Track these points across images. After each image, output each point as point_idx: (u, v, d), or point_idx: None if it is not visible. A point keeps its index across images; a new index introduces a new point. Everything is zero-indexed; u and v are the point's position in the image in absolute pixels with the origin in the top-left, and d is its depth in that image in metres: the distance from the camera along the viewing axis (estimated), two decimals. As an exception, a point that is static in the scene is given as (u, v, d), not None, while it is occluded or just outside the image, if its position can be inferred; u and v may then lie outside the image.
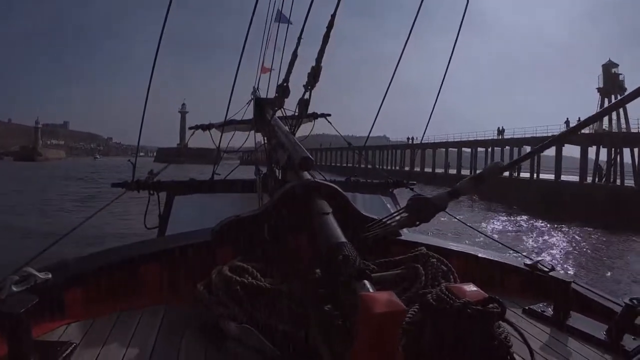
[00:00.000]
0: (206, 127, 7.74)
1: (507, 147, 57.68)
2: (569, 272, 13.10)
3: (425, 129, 5.94)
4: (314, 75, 2.97)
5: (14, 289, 1.79)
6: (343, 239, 1.81)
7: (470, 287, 1.59)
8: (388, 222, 2.21)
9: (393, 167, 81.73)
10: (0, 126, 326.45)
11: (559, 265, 13.57)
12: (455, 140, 71.62)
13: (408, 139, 79.65)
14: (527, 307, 2.40)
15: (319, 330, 1.60)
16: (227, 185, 5.33)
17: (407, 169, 73.76)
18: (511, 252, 4.68)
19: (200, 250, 2.41)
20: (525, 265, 2.75)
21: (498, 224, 28.19)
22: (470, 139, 67.99)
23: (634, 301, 2.05)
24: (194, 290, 2.01)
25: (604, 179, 39.95)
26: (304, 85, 3.10)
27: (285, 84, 3.65)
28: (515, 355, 1.56)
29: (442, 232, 13.66)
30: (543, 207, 32.68)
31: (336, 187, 2.41)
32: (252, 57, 6.92)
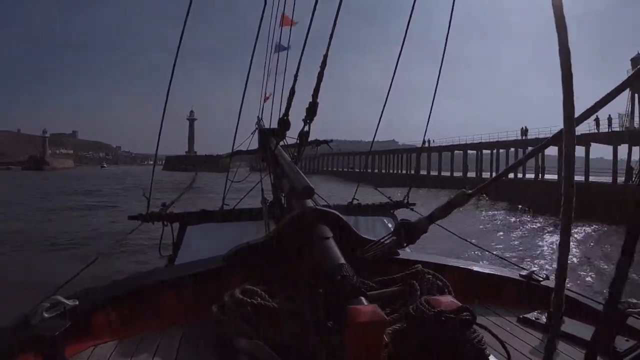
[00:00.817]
0: (214, 159, 8.59)
1: (529, 147, 55.85)
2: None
3: (425, 132, 6.12)
4: (311, 111, 3.13)
5: (45, 315, 1.97)
6: (342, 261, 2.00)
7: (447, 298, 1.79)
8: (383, 242, 2.40)
9: (403, 171, 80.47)
10: (9, 136, 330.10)
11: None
12: (475, 142, 69.54)
13: (424, 141, 77.45)
14: (521, 316, 2.46)
15: (322, 345, 1.72)
16: (236, 214, 5.69)
17: (422, 172, 72.30)
18: (510, 263, 4.85)
19: (214, 276, 2.53)
20: (521, 276, 2.85)
21: (530, 229, 27.63)
22: (491, 140, 66.06)
23: (624, 304, 2.05)
24: (209, 311, 2.14)
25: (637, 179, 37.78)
26: (303, 120, 3.27)
27: (285, 117, 3.86)
28: (492, 357, 1.74)
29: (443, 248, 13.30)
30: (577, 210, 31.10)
31: (336, 212, 2.50)
32: (256, 84, 7.51)
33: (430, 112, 5.34)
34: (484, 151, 65.86)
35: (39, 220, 27.39)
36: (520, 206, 38.14)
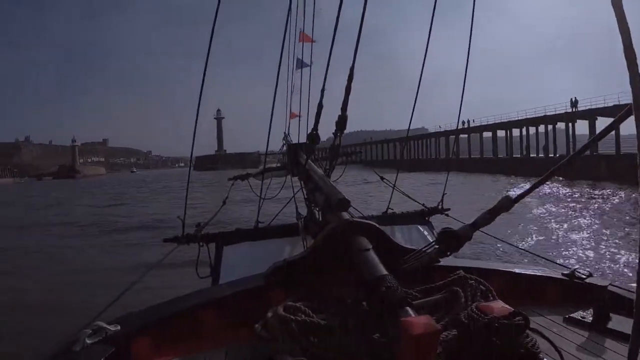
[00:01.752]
0: (244, 177, 8.08)
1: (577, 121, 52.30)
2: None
3: (459, 115, 5.96)
4: (340, 124, 3.07)
5: (88, 341, 2.02)
6: (384, 272, 1.94)
7: (498, 304, 1.76)
8: (424, 252, 2.34)
9: (442, 156, 77.56)
10: (41, 148, 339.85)
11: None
12: (520, 118, 65.70)
13: (463, 122, 74.51)
14: (567, 316, 2.45)
15: (370, 358, 1.73)
16: (271, 231, 5.70)
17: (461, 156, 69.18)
18: (552, 263, 4.88)
19: (255, 295, 2.54)
20: (563, 274, 2.82)
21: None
22: (537, 115, 61.96)
23: None
24: (252, 331, 2.10)
25: None
26: (333, 133, 3.25)
27: (315, 132, 3.72)
28: None
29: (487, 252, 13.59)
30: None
31: (374, 223, 2.46)
32: (281, 98, 7.43)
33: (463, 93, 5.23)
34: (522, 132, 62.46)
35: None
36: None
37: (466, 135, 75.03)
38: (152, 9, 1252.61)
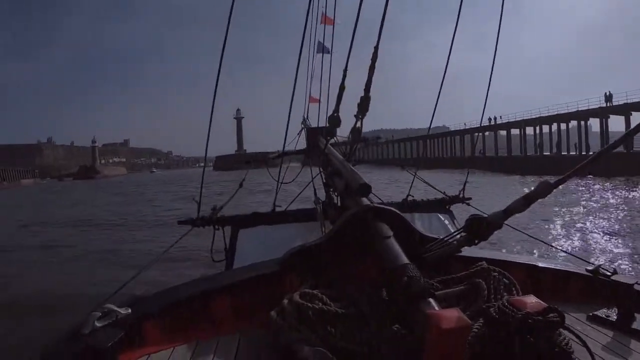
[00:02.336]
0: (261, 161, 8.07)
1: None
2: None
3: (483, 113, 5.92)
4: (363, 105, 3.02)
5: (97, 324, 1.98)
6: (406, 261, 1.91)
7: (531, 299, 1.68)
8: (448, 241, 2.27)
9: (463, 154, 75.62)
10: (63, 149, 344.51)
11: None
12: (550, 114, 63.09)
13: (490, 119, 72.12)
14: (590, 314, 2.37)
15: (389, 350, 1.67)
16: (288, 216, 5.59)
17: (479, 155, 67.10)
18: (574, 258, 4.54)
19: (270, 280, 2.48)
20: (587, 270, 2.69)
21: None
22: (570, 110, 59.13)
23: None
24: (267, 317, 2.08)
25: None
26: (354, 115, 3.17)
27: (335, 114, 3.79)
28: None
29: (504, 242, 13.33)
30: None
31: (395, 210, 2.42)
32: (300, 85, 5.97)
33: (488, 91, 5.14)
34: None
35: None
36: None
37: (492, 133, 72.71)
38: (174, 11, 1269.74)
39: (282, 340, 1.94)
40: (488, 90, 5.13)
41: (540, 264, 2.77)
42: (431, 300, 1.65)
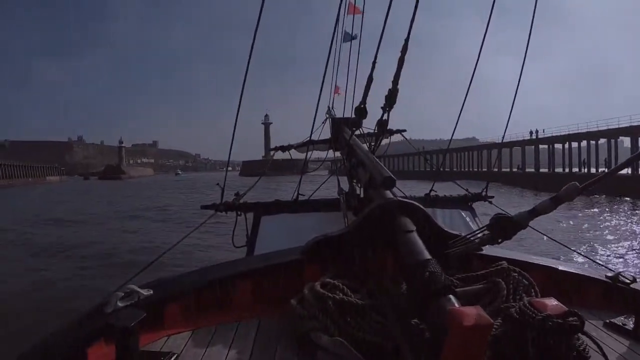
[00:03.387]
0: (286, 148, 8.00)
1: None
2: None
3: (506, 127, 5.70)
4: (390, 98, 3.02)
5: (120, 304, 2.03)
6: (428, 256, 1.89)
7: (551, 301, 1.68)
8: (470, 238, 2.25)
9: (483, 169, 72.19)
10: (93, 148, 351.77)
11: None
12: (590, 130, 59.41)
13: (530, 132, 68.36)
14: (607, 321, 2.36)
15: (407, 343, 1.69)
16: (311, 205, 5.56)
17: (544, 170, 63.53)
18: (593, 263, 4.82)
19: (291, 268, 2.50)
20: (607, 277, 2.69)
21: None
22: (599, 128, 56.13)
23: None
24: (287, 305, 2.12)
25: None
26: (381, 107, 3.17)
27: (362, 106, 3.75)
28: None
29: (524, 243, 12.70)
30: None
31: (419, 205, 2.41)
32: (326, 76, 5.02)
33: (513, 105, 5.05)
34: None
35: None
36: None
37: (532, 147, 68.82)
38: (209, 18, 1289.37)
39: (301, 328, 1.95)
40: (513, 103, 5.08)
41: (560, 267, 2.73)
42: (451, 296, 1.62)
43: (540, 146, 67.63)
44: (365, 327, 1.86)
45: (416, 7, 2.77)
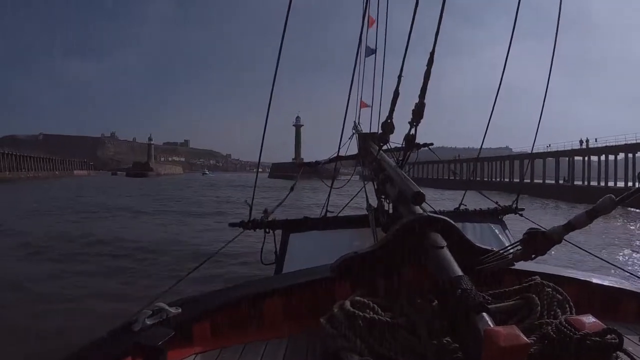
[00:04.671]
0: (313, 165, 8.25)
1: None
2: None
3: (535, 138, 5.83)
4: (418, 112, 2.99)
5: (147, 322, 2.00)
6: (460, 272, 1.87)
7: (589, 318, 1.66)
8: (502, 254, 2.21)
9: (515, 179, 68.37)
10: (124, 145, 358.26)
11: None
12: (618, 143, 55.97)
13: (581, 141, 63.63)
14: None
15: None
16: (339, 221, 5.51)
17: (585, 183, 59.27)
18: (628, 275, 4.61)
19: (321, 286, 2.48)
20: None
21: None
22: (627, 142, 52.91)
23: None
24: (317, 323, 2.09)
25: None
26: (409, 122, 3.14)
27: (389, 121, 3.56)
28: None
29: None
30: None
31: (449, 220, 2.36)
32: (352, 91, 5.68)
33: (541, 115, 5.23)
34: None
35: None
36: None
37: (581, 158, 64.22)
38: (241, 21, 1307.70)
39: (331, 347, 1.93)
40: (541, 113, 5.21)
41: (594, 280, 2.66)
42: (485, 314, 1.60)
43: (589, 157, 63.41)
44: (396, 347, 1.81)
45: (440, 19, 2.76)
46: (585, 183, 58.77)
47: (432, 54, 2.82)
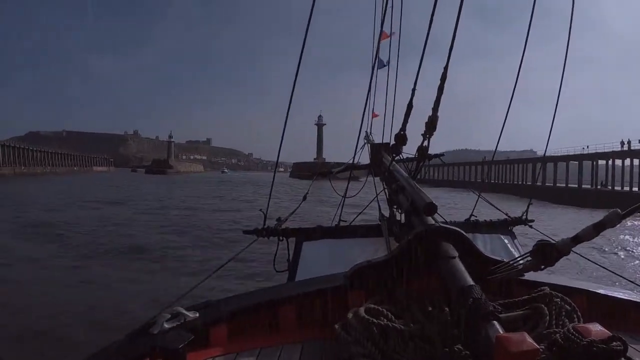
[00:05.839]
0: (327, 174, 8.27)
1: None
2: None
3: (548, 139, 6.09)
4: (431, 125, 2.93)
5: (166, 325, 2.03)
6: (471, 282, 1.92)
7: (595, 327, 1.70)
8: (513, 264, 2.26)
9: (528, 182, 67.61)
10: (147, 142, 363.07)
11: None
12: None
13: (622, 143, 59.83)
14: None
15: None
16: (352, 230, 5.54)
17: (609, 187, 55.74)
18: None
19: (335, 294, 2.50)
20: None
21: None
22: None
23: None
24: (330, 330, 2.15)
25: None
26: (422, 134, 3.06)
27: (402, 132, 3.64)
28: None
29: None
30: None
31: (461, 231, 2.40)
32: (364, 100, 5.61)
33: (554, 119, 5.34)
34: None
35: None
36: None
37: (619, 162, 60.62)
38: (266, 20, 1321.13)
39: (345, 353, 1.96)
40: (554, 116, 5.31)
41: (601, 291, 2.69)
42: (495, 323, 1.66)
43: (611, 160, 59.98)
44: (409, 354, 1.86)
45: (454, 37, 2.73)
46: (629, 188, 55.13)
47: (445, 68, 2.79)
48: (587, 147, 66.20)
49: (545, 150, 6.95)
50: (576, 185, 63.13)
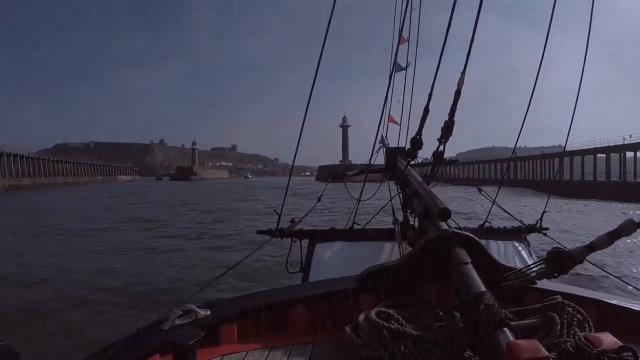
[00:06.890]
0: (341, 177, 8.42)
1: None
2: None
3: (568, 134, 5.79)
4: (447, 130, 2.92)
5: (177, 322, 2.05)
6: (483, 288, 1.90)
7: (607, 336, 1.70)
8: (526, 272, 2.24)
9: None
10: (173, 151, 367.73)
11: None
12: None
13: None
14: None
15: None
16: (366, 233, 5.58)
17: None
18: None
19: (346, 296, 2.49)
20: None
21: None
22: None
23: None
24: (341, 332, 2.13)
25: None
26: (437, 139, 3.06)
27: (418, 137, 3.57)
28: None
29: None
30: None
31: (475, 237, 2.38)
32: (381, 104, 5.46)
33: (574, 112, 5.30)
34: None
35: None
36: None
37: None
38: (285, 26, 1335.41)
39: (355, 356, 1.98)
40: (574, 110, 5.25)
41: (613, 301, 2.58)
42: (506, 330, 1.64)
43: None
44: (419, 358, 1.84)
45: (471, 44, 2.74)
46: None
47: (462, 73, 2.76)
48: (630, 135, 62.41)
49: (566, 144, 6.76)
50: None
